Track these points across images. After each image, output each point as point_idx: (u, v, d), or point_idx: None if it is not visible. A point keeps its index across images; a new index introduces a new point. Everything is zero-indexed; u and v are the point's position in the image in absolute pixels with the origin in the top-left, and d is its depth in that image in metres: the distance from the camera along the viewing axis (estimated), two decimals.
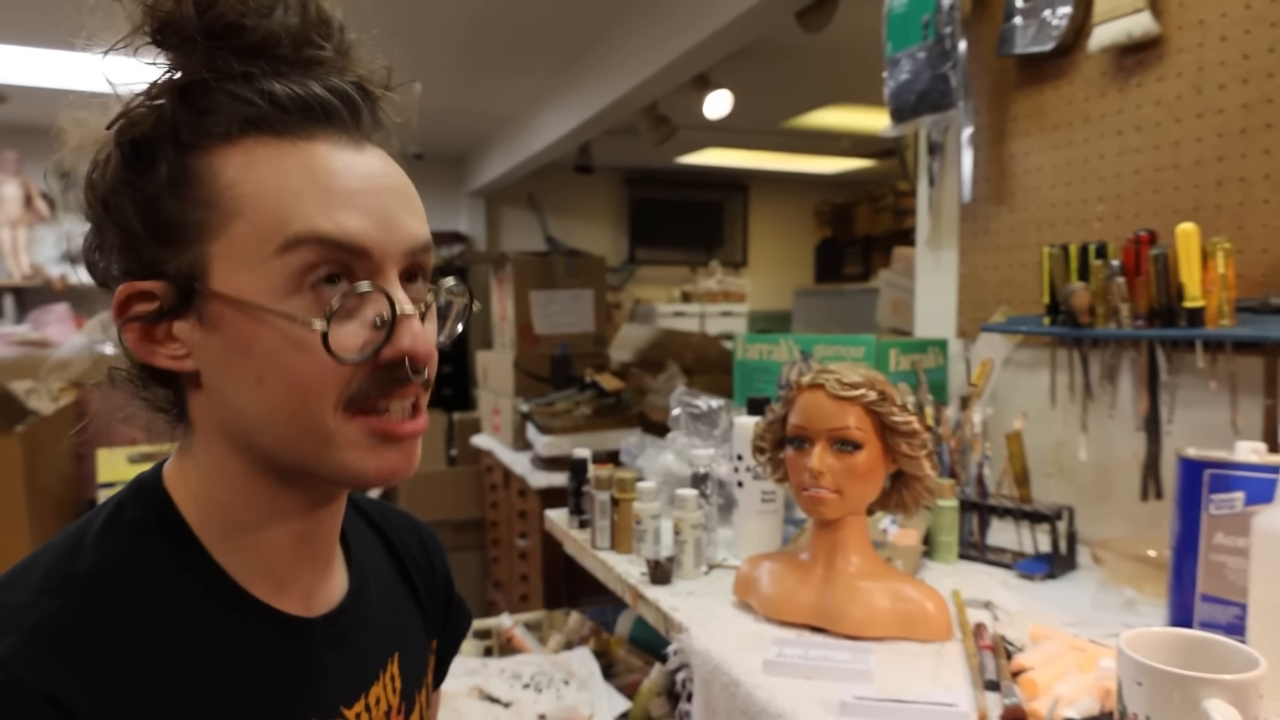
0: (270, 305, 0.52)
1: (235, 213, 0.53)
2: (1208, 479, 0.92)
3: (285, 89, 0.54)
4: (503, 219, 6.54)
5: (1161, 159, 1.23)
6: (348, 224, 0.53)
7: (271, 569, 0.59)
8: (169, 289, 0.54)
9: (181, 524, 0.57)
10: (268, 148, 0.53)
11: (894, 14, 1.60)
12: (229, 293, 0.53)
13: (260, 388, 0.54)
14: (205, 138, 0.53)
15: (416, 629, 0.75)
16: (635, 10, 3.13)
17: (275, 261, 0.52)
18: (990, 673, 0.89)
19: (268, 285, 0.52)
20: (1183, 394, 1.15)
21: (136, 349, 0.55)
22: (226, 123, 0.53)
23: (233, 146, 0.53)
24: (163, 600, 0.54)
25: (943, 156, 1.69)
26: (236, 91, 0.53)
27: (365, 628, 0.66)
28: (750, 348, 1.66)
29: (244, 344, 0.53)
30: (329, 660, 0.62)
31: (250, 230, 0.52)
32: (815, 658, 0.94)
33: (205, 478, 0.58)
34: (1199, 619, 0.92)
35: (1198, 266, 1.05)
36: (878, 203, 6.08)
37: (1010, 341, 1.50)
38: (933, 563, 1.29)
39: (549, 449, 2.62)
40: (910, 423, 1.01)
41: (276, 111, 0.54)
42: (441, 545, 0.84)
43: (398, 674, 0.69)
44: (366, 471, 0.56)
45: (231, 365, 0.54)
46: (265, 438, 0.55)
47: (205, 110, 0.53)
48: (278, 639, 0.59)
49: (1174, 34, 1.20)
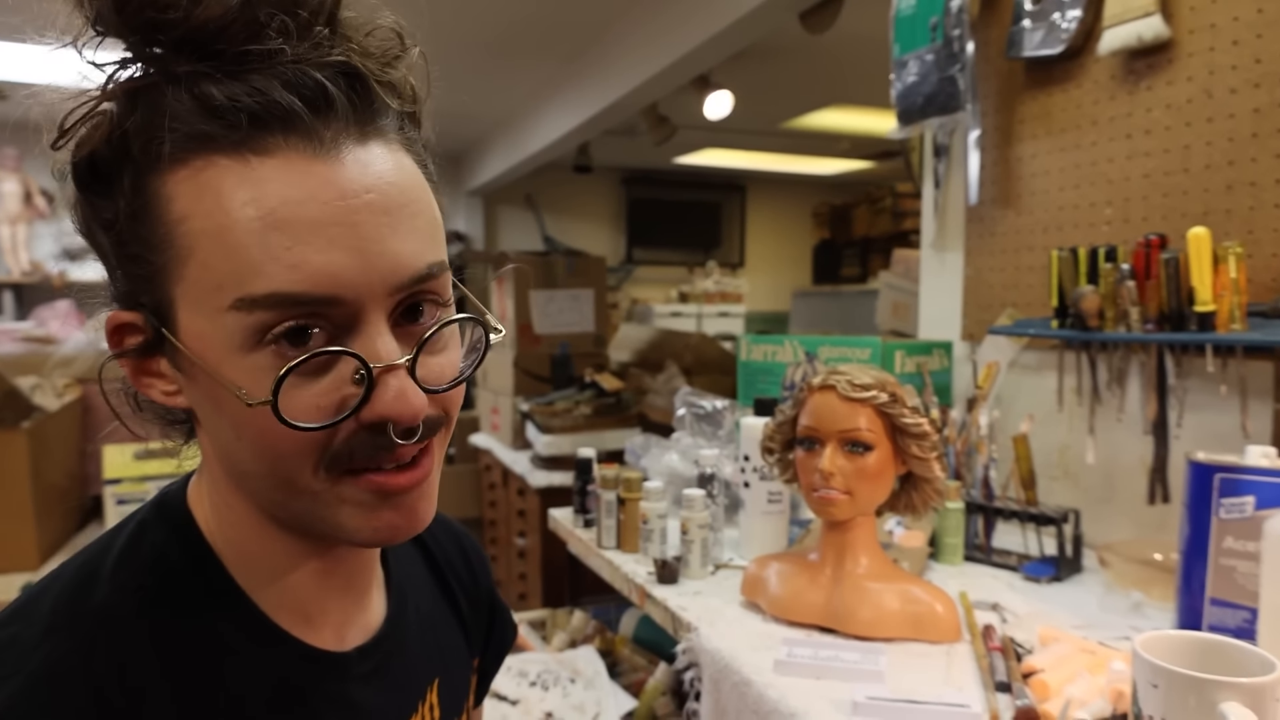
0: (220, 372, 0.46)
1: (188, 254, 0.45)
2: (1218, 483, 0.92)
3: (226, 95, 0.44)
4: (500, 218, 6.53)
5: (1171, 163, 1.23)
6: (311, 270, 0.44)
7: (297, 602, 0.54)
8: (147, 325, 0.48)
9: (206, 550, 0.53)
10: (217, 170, 0.45)
11: (901, 16, 1.60)
12: (189, 345, 0.46)
13: (239, 443, 0.48)
14: (151, 158, 0.45)
15: (457, 648, 0.71)
16: (637, 10, 3.13)
17: (229, 316, 0.45)
18: (1001, 674, 0.90)
19: (225, 337, 0.45)
20: (1192, 398, 1.16)
21: (133, 382, 0.51)
22: (168, 139, 0.45)
23: (182, 168, 0.45)
24: (183, 639, 0.50)
25: (949, 159, 1.69)
26: (175, 101, 0.45)
27: (404, 656, 0.61)
28: (754, 349, 1.66)
29: (213, 398, 0.47)
30: (364, 696, 0.57)
31: (203, 276, 0.45)
32: (826, 658, 0.94)
33: (216, 509, 0.54)
34: (1208, 622, 0.93)
35: (1209, 271, 1.06)
36: (876, 204, 6.08)
37: (1016, 344, 1.50)
38: (938, 565, 1.29)
39: (549, 448, 2.61)
40: (921, 425, 1.01)
41: (218, 125, 0.44)
42: (484, 554, 0.79)
43: (437, 703, 0.65)
44: (362, 532, 0.50)
45: (212, 415, 0.49)
46: (255, 488, 0.51)
47: (145, 125, 0.45)
48: (309, 676, 0.54)
49: (1185, 38, 1.21)
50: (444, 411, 0.51)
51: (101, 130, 0.46)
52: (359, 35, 0.49)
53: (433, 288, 0.49)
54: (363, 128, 0.48)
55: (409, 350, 0.47)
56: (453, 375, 0.51)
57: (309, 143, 0.45)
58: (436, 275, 0.49)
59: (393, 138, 0.50)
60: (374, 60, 0.49)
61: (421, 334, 0.49)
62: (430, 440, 0.51)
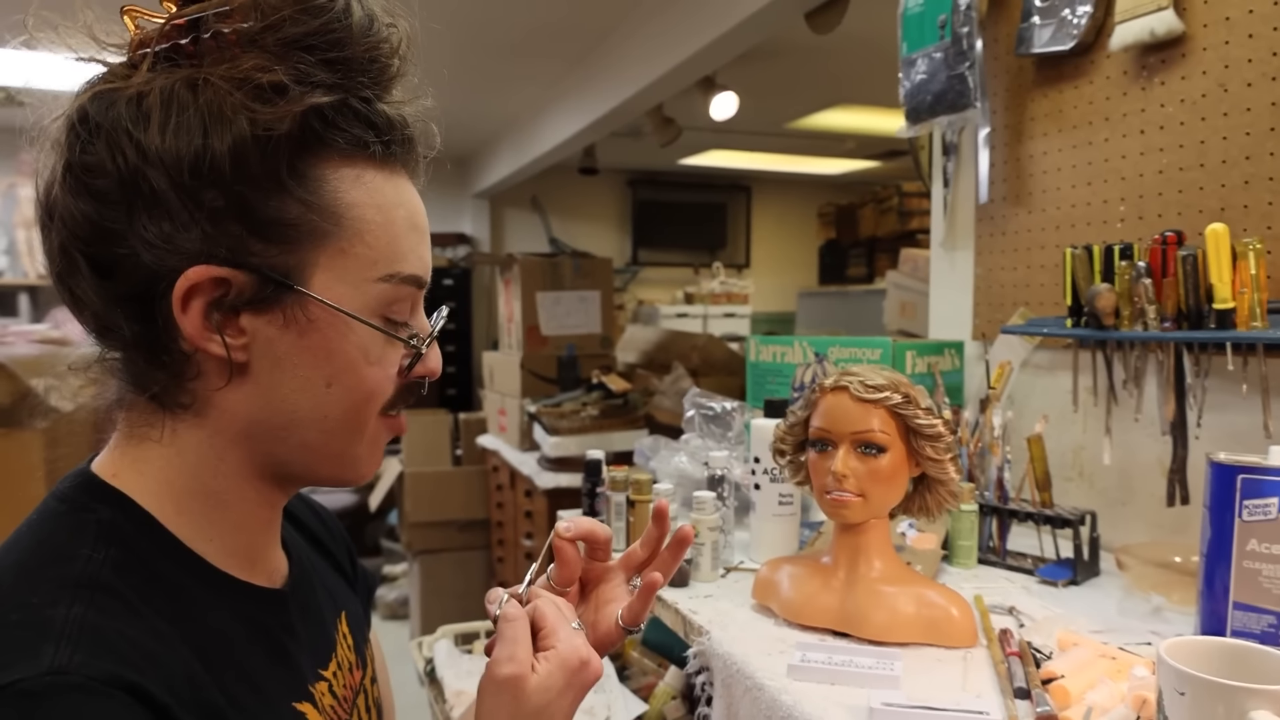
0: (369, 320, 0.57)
1: (356, 234, 0.56)
2: (1240, 484, 0.90)
3: (398, 117, 0.59)
4: (506, 220, 6.53)
5: (1186, 158, 1.21)
6: (426, 263, 0.61)
7: (246, 548, 0.61)
8: (254, 281, 0.54)
9: (147, 517, 0.56)
10: (377, 175, 0.58)
11: (909, 14, 1.59)
12: (328, 300, 0.56)
13: (327, 390, 0.57)
14: (327, 149, 0.55)
15: (346, 590, 0.79)
16: (642, 12, 3.12)
17: (376, 286, 0.57)
18: (1019, 680, 0.88)
19: (361, 303, 0.57)
20: (1211, 397, 1.14)
21: (192, 333, 0.54)
22: (348, 140, 0.56)
23: (348, 166, 0.56)
24: (164, 596, 0.53)
25: (958, 157, 1.67)
26: (362, 113, 0.56)
27: (314, 593, 0.69)
28: (763, 349, 1.65)
29: (328, 349, 0.57)
30: (302, 627, 0.64)
31: (366, 254, 0.57)
32: (840, 662, 0.92)
33: (189, 466, 0.57)
34: (1231, 627, 0.91)
35: (1228, 267, 1.04)
36: (882, 204, 6.06)
37: (1029, 344, 1.48)
38: (952, 567, 1.27)
39: (556, 450, 2.60)
40: (935, 426, 0.99)
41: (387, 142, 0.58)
42: (330, 511, 0.86)
43: (348, 632, 0.73)
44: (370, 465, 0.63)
45: (302, 365, 0.57)
46: (308, 434, 0.58)
47: (335, 124, 0.55)
48: (267, 614, 0.61)
49: (1199, 31, 1.19)
50: None
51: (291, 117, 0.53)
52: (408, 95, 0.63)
53: None
54: None
55: None
56: None
57: (409, 170, 0.62)
58: None
59: None
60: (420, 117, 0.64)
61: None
62: None
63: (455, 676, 1.49)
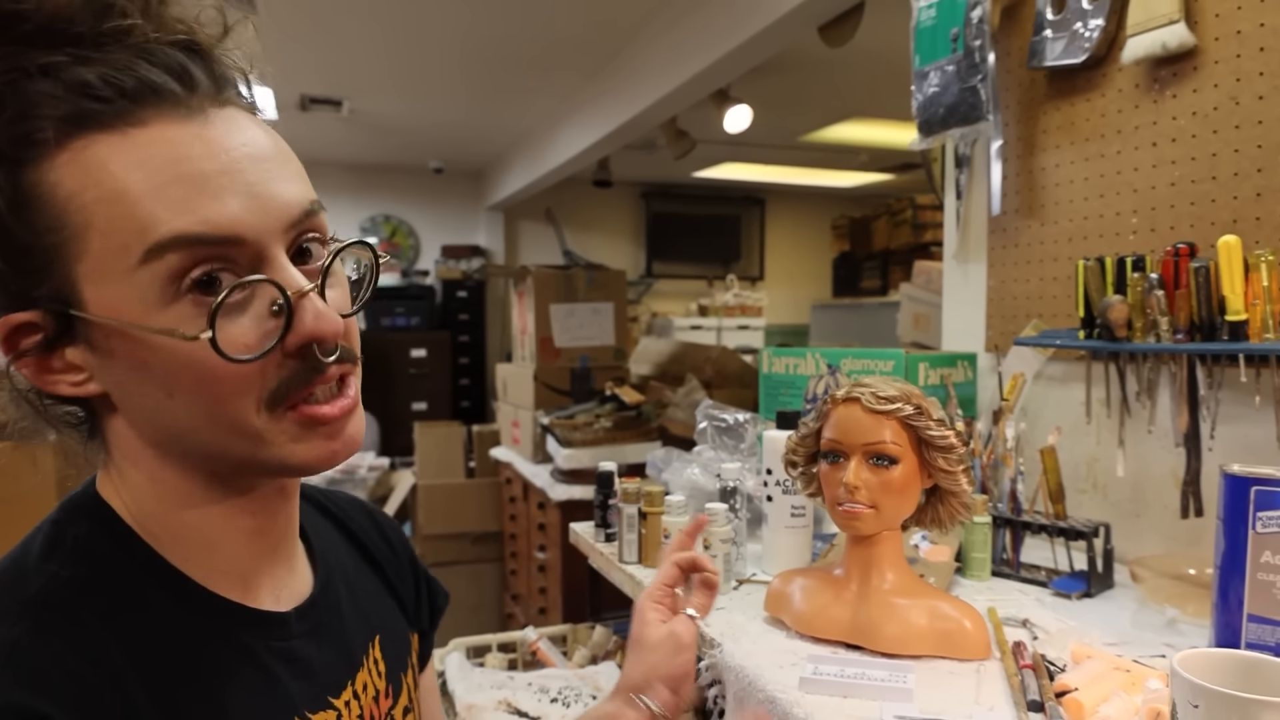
0: (147, 324, 0.48)
1: (85, 227, 0.47)
2: (1254, 496, 0.90)
3: (98, 75, 0.47)
4: (521, 233, 6.57)
5: (1199, 171, 1.21)
6: (212, 214, 0.48)
7: (234, 568, 0.57)
8: (47, 318, 0.49)
9: (129, 534, 0.54)
10: (100, 146, 0.47)
11: (922, 28, 1.59)
12: (104, 315, 0.48)
13: (172, 401, 0.50)
14: (28, 149, 0.47)
15: (391, 612, 0.74)
16: (656, 26, 3.14)
17: (142, 272, 0.47)
18: (1033, 693, 0.88)
19: (139, 297, 0.48)
20: (1224, 409, 1.13)
21: (37, 382, 0.51)
22: (44, 128, 0.47)
23: (62, 152, 0.47)
24: (128, 615, 0.51)
25: (970, 170, 1.68)
26: (44, 90, 0.47)
27: (341, 616, 0.65)
28: (776, 361, 1.65)
29: (138, 363, 0.50)
30: (310, 651, 0.60)
31: (106, 244, 0.47)
32: (852, 675, 0.92)
33: (137, 493, 0.55)
34: (1246, 639, 0.90)
35: (1240, 279, 1.04)
36: (896, 216, 6.06)
37: (1041, 355, 1.48)
38: (965, 580, 1.27)
39: (569, 461, 2.61)
40: (947, 437, 1.00)
41: (95, 103, 0.47)
42: (397, 524, 0.83)
43: (380, 658, 0.68)
44: (306, 462, 0.54)
45: (135, 384, 0.51)
46: (194, 444, 0.53)
47: (17, 118, 0.47)
48: (255, 636, 0.57)
49: (1210, 45, 1.19)
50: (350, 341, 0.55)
51: None
52: (191, 15, 0.52)
53: (316, 225, 0.54)
54: (219, 96, 0.52)
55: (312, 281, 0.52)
56: (349, 305, 0.56)
57: (178, 110, 0.49)
58: (318, 213, 0.54)
59: (242, 105, 0.54)
60: (211, 37, 0.53)
61: (316, 270, 0.53)
62: (348, 369, 0.55)
63: (466, 690, 1.49)
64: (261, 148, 0.52)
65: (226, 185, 0.49)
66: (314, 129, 4.77)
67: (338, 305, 0.53)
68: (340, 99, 4.22)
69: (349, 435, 0.55)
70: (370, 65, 3.71)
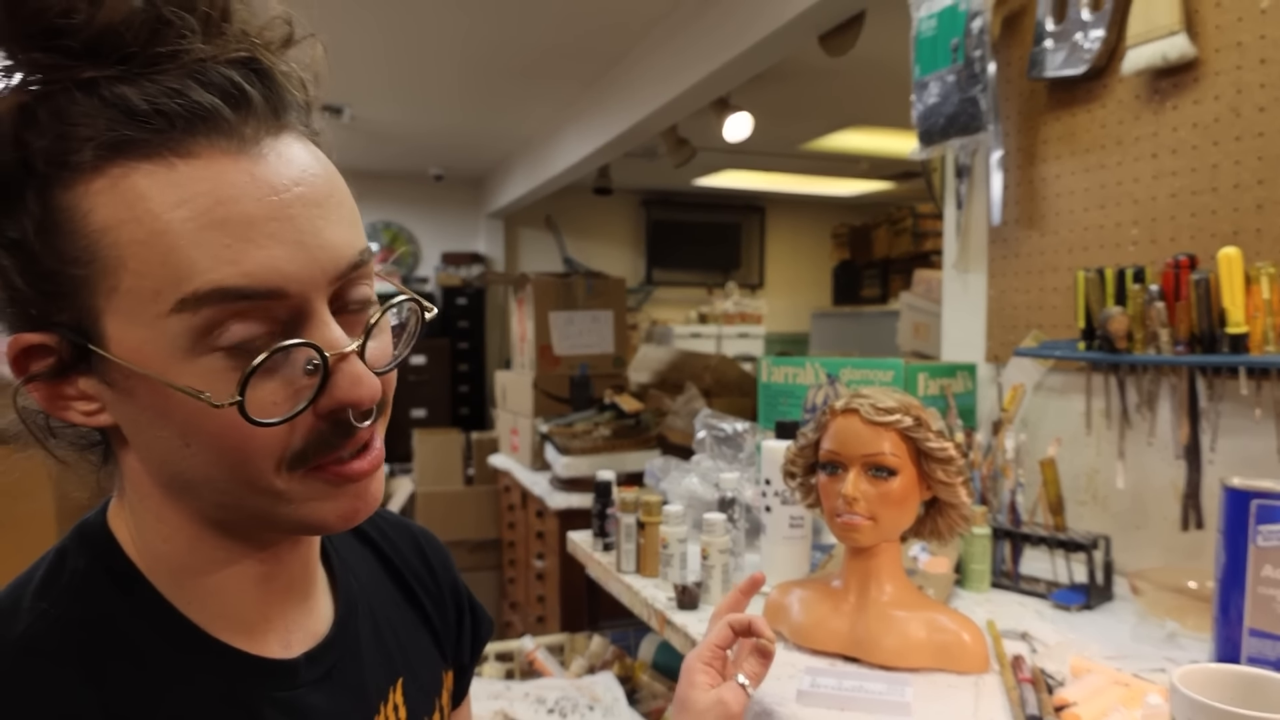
0: (171, 380, 0.44)
1: (118, 264, 0.44)
2: (1255, 509, 0.89)
3: (145, 97, 0.43)
4: (521, 240, 6.57)
5: (1199, 182, 1.21)
6: (254, 266, 0.44)
7: (241, 614, 0.53)
8: (64, 344, 0.46)
9: (131, 571, 0.50)
10: (141, 176, 0.43)
11: (922, 38, 1.60)
12: (125, 358, 0.45)
13: (188, 450, 0.47)
14: (62, 170, 0.43)
15: (423, 649, 0.69)
16: (657, 34, 3.15)
17: (173, 320, 0.44)
18: (1032, 707, 0.87)
19: (167, 345, 0.44)
20: (1225, 422, 1.13)
21: (47, 407, 0.48)
22: (82, 149, 0.43)
23: (99, 177, 0.43)
24: (115, 662, 0.47)
25: (970, 179, 1.68)
26: (84, 108, 0.43)
27: (358, 659, 0.60)
28: (775, 370, 1.65)
29: (157, 410, 0.46)
30: (315, 702, 0.55)
31: (138, 285, 0.44)
32: (850, 688, 0.92)
33: (143, 527, 0.51)
34: (1246, 654, 0.90)
35: (1241, 291, 1.03)
36: (896, 225, 6.06)
37: (1041, 366, 1.48)
38: (964, 591, 1.26)
39: (568, 470, 2.60)
40: (946, 449, 0.99)
41: (139, 129, 0.43)
42: (445, 551, 0.77)
43: (402, 703, 0.63)
44: (327, 521, 0.50)
45: (150, 427, 0.47)
46: (207, 493, 0.49)
47: (54, 136, 0.43)
48: (254, 687, 0.52)
49: (1211, 57, 1.19)
50: (385, 394, 0.52)
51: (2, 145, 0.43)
52: (254, 28, 0.48)
53: (364, 274, 0.50)
54: (277, 121, 0.48)
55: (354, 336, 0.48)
56: (389, 356, 0.52)
57: (230, 141, 0.45)
58: (366, 261, 0.50)
59: (300, 130, 0.50)
60: (274, 53, 0.49)
61: (362, 320, 0.50)
62: (376, 422, 0.52)
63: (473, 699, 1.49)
64: (315, 187, 0.47)
65: (274, 233, 0.45)
66: None
67: (376, 359, 0.50)
68: (341, 106, 4.22)
69: (373, 493, 0.52)
70: (371, 72, 3.72)
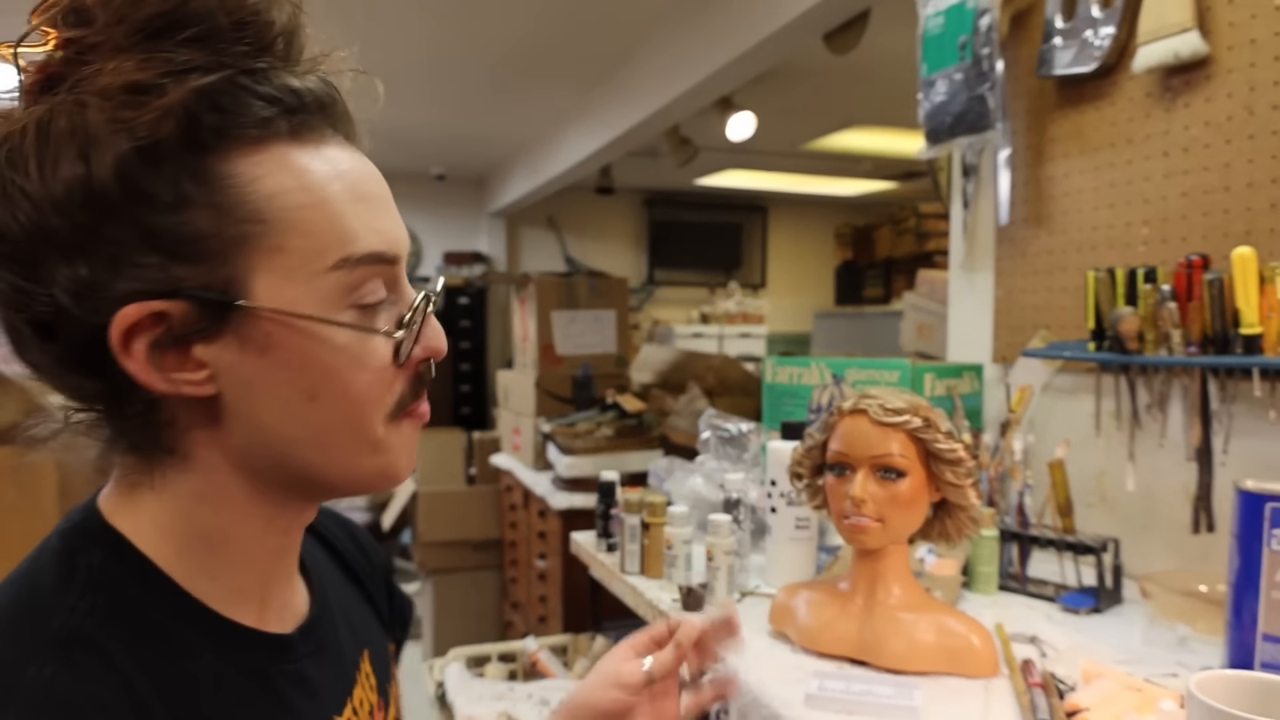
0: (338, 319, 0.51)
1: (288, 226, 0.50)
2: (1269, 513, 0.88)
3: (304, 86, 0.51)
4: (523, 239, 6.56)
5: (1211, 181, 1.20)
6: (390, 234, 0.53)
7: (253, 591, 0.57)
8: (192, 308, 0.49)
9: (144, 562, 0.52)
10: (299, 153, 0.51)
11: (929, 35, 1.58)
12: (282, 308, 0.50)
13: (312, 404, 0.52)
14: (226, 140, 0.48)
15: (373, 625, 0.75)
16: (660, 33, 3.13)
17: (330, 277, 0.51)
18: (1043, 713, 0.86)
19: (320, 299, 0.51)
20: (1238, 423, 1.12)
21: (144, 376, 0.49)
22: (248, 124, 0.49)
23: (259, 152, 0.49)
24: (152, 647, 0.50)
25: (978, 178, 1.66)
26: (257, 89, 0.49)
27: (336, 632, 0.65)
28: (780, 370, 1.63)
29: (299, 361, 0.51)
30: (314, 672, 0.60)
31: (306, 245, 0.50)
32: (858, 692, 0.90)
33: (184, 510, 0.53)
34: (1260, 659, 0.89)
35: (1255, 291, 1.02)
36: (899, 225, 6.04)
37: (1050, 367, 1.46)
38: (972, 594, 1.25)
39: (570, 470, 2.59)
40: (956, 450, 0.98)
41: (296, 112, 0.50)
42: (372, 538, 0.82)
43: (371, 672, 0.68)
44: (402, 472, 0.57)
45: (278, 384, 0.51)
46: (309, 455, 0.53)
47: (226, 109, 0.48)
48: (268, 661, 0.57)
49: (1224, 54, 1.18)
50: None
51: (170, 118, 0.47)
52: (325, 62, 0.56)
53: None
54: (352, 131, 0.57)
55: None
56: None
57: (340, 135, 0.54)
58: None
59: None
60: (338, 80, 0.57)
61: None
62: None
63: (466, 701, 1.47)
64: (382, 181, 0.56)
65: (387, 209, 0.54)
66: None
67: None
68: None
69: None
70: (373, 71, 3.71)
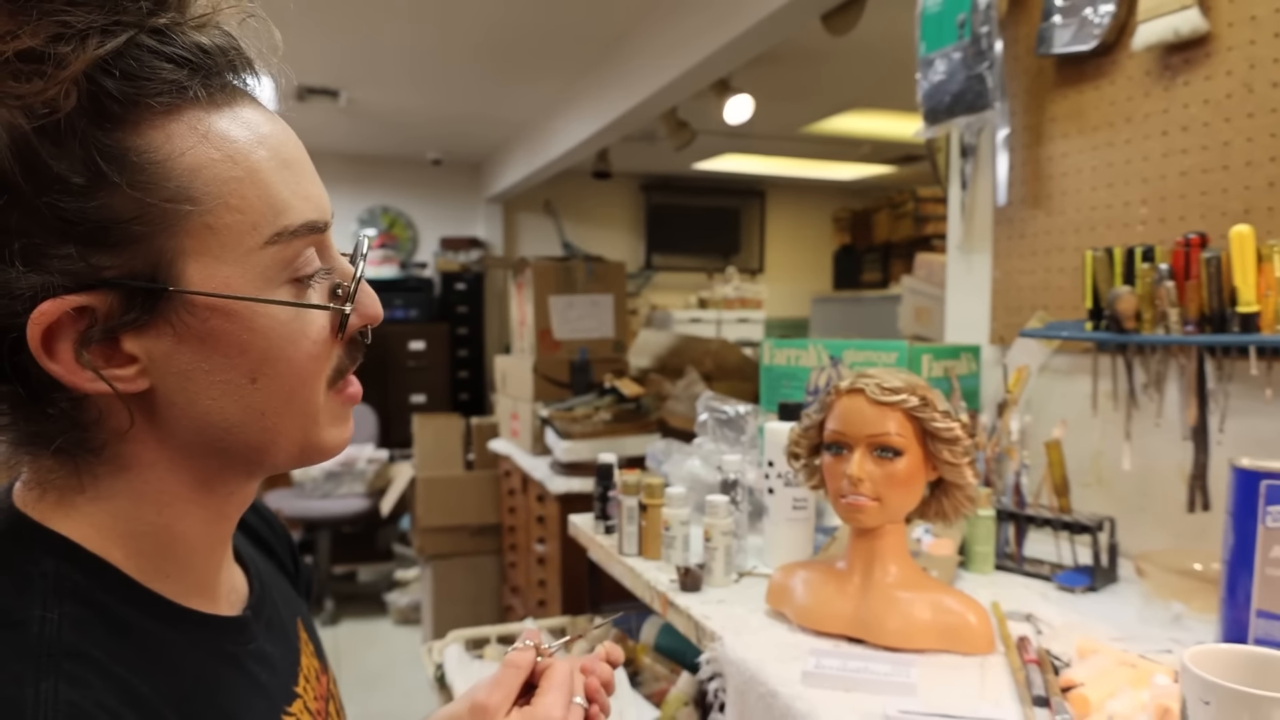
0: (276, 297, 0.48)
1: (217, 202, 0.46)
2: (1264, 490, 0.88)
3: (213, 43, 0.46)
4: (520, 224, 6.54)
5: (1210, 160, 1.20)
6: (318, 202, 0.51)
7: (203, 579, 0.56)
8: (117, 299, 0.45)
9: (103, 565, 0.50)
10: (216, 118, 0.46)
11: (928, 14, 1.57)
12: (217, 290, 0.46)
13: (253, 386, 0.49)
14: (136, 110, 0.44)
15: (292, 593, 0.75)
16: (657, 15, 3.11)
17: (265, 252, 0.47)
18: (1038, 688, 0.86)
19: (256, 277, 0.47)
20: (1234, 402, 1.12)
21: (69, 377, 0.45)
22: (159, 91, 0.44)
23: (173, 121, 0.45)
24: (132, 649, 0.48)
25: (976, 159, 1.66)
26: (163, 49, 0.44)
27: (276, 607, 0.66)
28: (777, 353, 1.63)
29: (238, 344, 0.48)
30: (270, 648, 0.60)
31: (238, 220, 0.46)
32: (855, 669, 0.91)
33: (129, 509, 0.50)
34: (1254, 635, 0.89)
35: (1253, 270, 1.02)
36: (898, 209, 6.04)
37: (1046, 347, 1.46)
38: (968, 573, 1.26)
39: (568, 454, 2.59)
40: (953, 429, 0.98)
41: (208, 73, 0.46)
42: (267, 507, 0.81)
43: (308, 638, 0.69)
44: (340, 442, 0.56)
45: (216, 370, 0.48)
46: (250, 436, 0.51)
47: (134, 76, 0.43)
48: (234, 644, 0.56)
49: (1224, 31, 1.17)
50: None
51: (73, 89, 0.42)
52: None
53: None
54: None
55: None
56: None
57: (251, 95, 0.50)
58: None
59: None
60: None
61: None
62: None
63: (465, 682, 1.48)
64: None
65: (310, 173, 0.51)
66: (311, 120, 4.74)
67: None
68: (337, 89, 4.19)
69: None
70: (367, 56, 3.69)
